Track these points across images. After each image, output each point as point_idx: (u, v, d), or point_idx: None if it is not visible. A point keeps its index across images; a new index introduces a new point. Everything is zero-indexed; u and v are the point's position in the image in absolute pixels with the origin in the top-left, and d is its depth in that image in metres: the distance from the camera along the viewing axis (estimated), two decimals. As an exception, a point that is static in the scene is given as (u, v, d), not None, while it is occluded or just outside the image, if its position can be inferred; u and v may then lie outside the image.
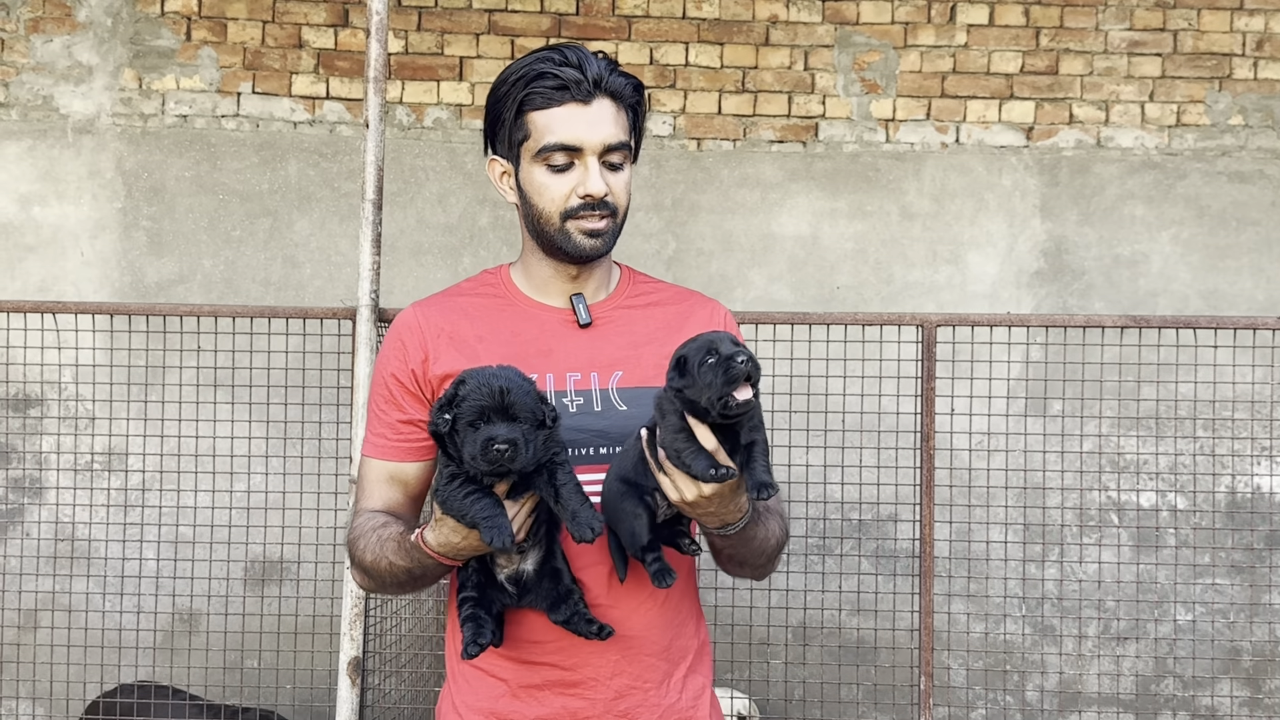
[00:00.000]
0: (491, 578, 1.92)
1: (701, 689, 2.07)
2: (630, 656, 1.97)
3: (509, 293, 2.08)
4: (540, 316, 2.05)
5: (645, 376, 2.01)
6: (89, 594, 4.75)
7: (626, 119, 2.02)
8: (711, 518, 1.85)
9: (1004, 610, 4.84)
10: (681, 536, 1.93)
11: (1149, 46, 5.22)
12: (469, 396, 1.78)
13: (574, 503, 1.80)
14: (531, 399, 1.80)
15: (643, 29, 5.20)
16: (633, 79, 2.04)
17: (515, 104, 2.00)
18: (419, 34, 5.18)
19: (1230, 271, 5.17)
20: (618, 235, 2.03)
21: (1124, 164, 5.20)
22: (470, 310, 2.06)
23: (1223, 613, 4.97)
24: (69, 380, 4.89)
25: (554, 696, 1.97)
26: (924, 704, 3.85)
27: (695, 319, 2.09)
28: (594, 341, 2.03)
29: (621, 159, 2.00)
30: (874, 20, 5.21)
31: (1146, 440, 4.98)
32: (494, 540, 1.76)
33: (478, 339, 2.01)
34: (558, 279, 2.05)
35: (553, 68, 1.97)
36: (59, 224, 5.10)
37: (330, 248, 5.14)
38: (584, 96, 1.96)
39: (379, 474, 2.04)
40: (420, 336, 2.03)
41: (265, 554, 4.90)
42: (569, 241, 1.98)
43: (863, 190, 5.18)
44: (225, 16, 5.14)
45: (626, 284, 2.13)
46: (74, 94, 5.13)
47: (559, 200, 1.97)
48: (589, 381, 2.00)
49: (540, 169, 1.98)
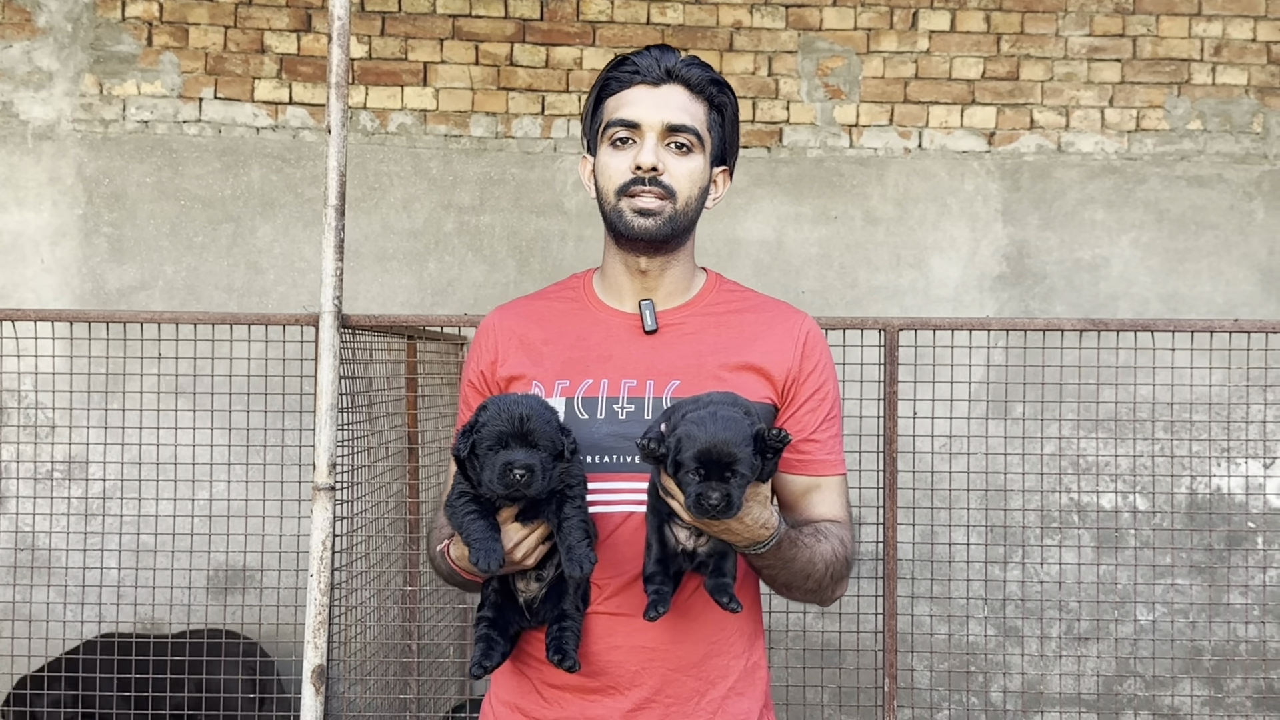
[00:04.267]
0: (512, 598, 1.96)
1: (745, 714, 1.99)
2: (651, 668, 1.94)
3: (585, 297, 2.09)
4: (609, 321, 2.05)
5: (703, 387, 1.94)
6: (49, 604, 4.71)
7: (703, 113, 2.01)
8: (732, 534, 1.80)
9: (967, 612, 4.87)
10: (723, 594, 1.85)
11: (1109, 52, 5.27)
12: (490, 422, 1.82)
13: (572, 537, 1.83)
14: (552, 428, 1.83)
15: (607, 34, 5.21)
16: (715, 75, 2.03)
17: (595, 94, 2.04)
18: (383, 39, 5.17)
19: (1189, 275, 5.23)
20: (679, 225, 1.99)
21: (1084, 169, 5.25)
22: (545, 314, 2.08)
23: (1184, 613, 5.02)
24: (29, 388, 4.85)
25: (574, 699, 1.96)
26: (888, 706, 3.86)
27: (774, 331, 2.04)
28: (656, 349, 2.01)
29: (689, 144, 1.98)
30: (837, 26, 5.24)
31: (1107, 442, 5.03)
32: (479, 562, 1.80)
33: (544, 342, 2.03)
34: (628, 277, 2.05)
35: (633, 57, 2.01)
36: (19, 230, 5.06)
37: (294, 254, 5.11)
38: (654, 80, 1.98)
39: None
40: (494, 339, 2.07)
41: (228, 562, 4.87)
42: (621, 220, 1.98)
43: (827, 195, 5.21)
44: (187, 22, 5.11)
45: (710, 291, 2.09)
46: (34, 100, 5.08)
47: (616, 175, 1.98)
48: (644, 389, 1.98)
49: (605, 147, 2.01)
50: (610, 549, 1.93)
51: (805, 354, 2.03)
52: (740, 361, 2.00)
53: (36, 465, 4.88)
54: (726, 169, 2.09)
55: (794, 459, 2.01)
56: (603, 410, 1.96)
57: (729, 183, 2.11)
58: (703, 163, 2.01)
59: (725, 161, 2.08)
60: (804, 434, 2.02)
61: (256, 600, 4.81)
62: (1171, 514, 4.95)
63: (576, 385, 1.99)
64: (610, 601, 1.94)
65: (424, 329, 4.28)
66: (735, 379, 1.98)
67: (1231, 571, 4.97)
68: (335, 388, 3.38)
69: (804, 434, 2.02)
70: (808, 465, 2.02)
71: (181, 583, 4.52)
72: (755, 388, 1.99)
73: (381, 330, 3.81)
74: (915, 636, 4.77)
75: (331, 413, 3.36)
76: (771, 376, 2.00)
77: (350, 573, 3.77)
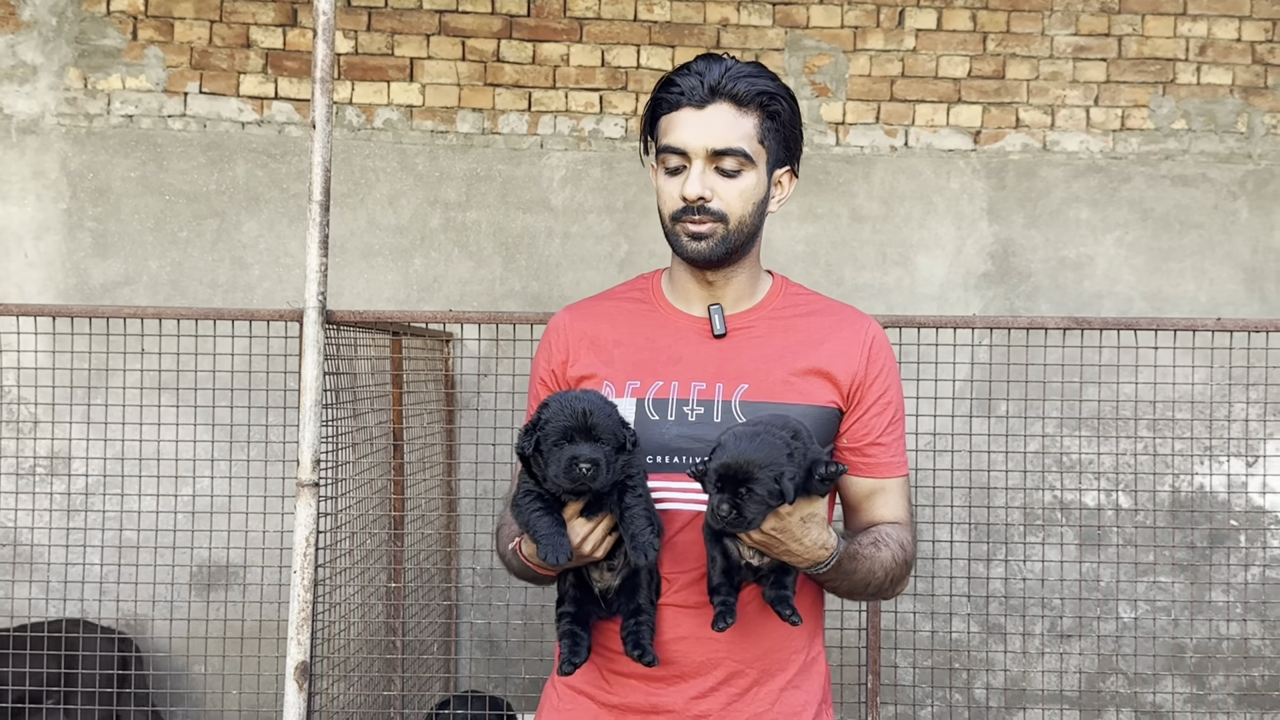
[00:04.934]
0: (589, 591, 1.99)
1: (803, 707, 2.04)
2: (717, 659, 1.99)
3: (654, 299, 2.13)
4: (678, 324, 2.08)
5: (772, 391, 2.00)
6: (31, 599, 4.69)
7: (754, 125, 2.00)
8: (792, 556, 1.85)
9: (951, 609, 4.88)
10: (784, 606, 1.91)
11: (1094, 51, 5.28)
12: (553, 419, 1.86)
13: (636, 525, 1.86)
14: (614, 421, 1.86)
15: (594, 31, 5.21)
16: (763, 85, 2.00)
17: (650, 112, 2.06)
18: (369, 34, 5.16)
19: (1173, 274, 5.25)
20: (733, 243, 2.01)
21: (1069, 167, 5.26)
22: (615, 315, 2.11)
23: (1166, 610, 5.04)
24: (11, 383, 4.83)
25: (638, 685, 2.01)
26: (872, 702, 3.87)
27: (840, 335, 2.08)
28: (725, 352, 2.04)
29: (737, 165, 1.98)
30: (824, 24, 5.24)
31: (1091, 440, 5.05)
32: (547, 557, 1.85)
33: (615, 344, 2.06)
34: (695, 285, 2.08)
35: (679, 75, 2.01)
36: (2, 225, 5.03)
37: (279, 249, 5.10)
38: (698, 102, 1.98)
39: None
40: (564, 338, 2.11)
41: (212, 558, 4.85)
42: (678, 243, 2.03)
43: (813, 193, 5.21)
44: (172, 16, 5.09)
45: (776, 294, 2.13)
46: (18, 94, 5.06)
47: (669, 202, 2.02)
48: (713, 392, 2.01)
49: (661, 172, 2.04)
50: (678, 545, 1.98)
51: (871, 358, 2.07)
52: (807, 366, 2.04)
53: (19, 460, 4.86)
54: (790, 169, 2.09)
55: (860, 462, 2.07)
56: (673, 412, 2.00)
57: (795, 181, 2.11)
58: (755, 178, 2.01)
59: (789, 163, 2.09)
60: (870, 438, 2.06)
61: (240, 596, 4.80)
62: (1154, 512, 4.97)
63: (647, 387, 2.02)
64: (679, 594, 1.98)
65: (409, 325, 4.27)
66: (802, 383, 2.02)
67: (1214, 569, 4.99)
68: (320, 384, 3.37)
69: (870, 438, 2.06)
70: (873, 469, 2.08)
71: (165, 579, 4.51)
72: (821, 392, 2.03)
73: (366, 326, 3.80)
74: (899, 633, 4.78)
75: (316, 409, 3.36)
76: (837, 381, 2.04)
77: (334, 569, 3.76)
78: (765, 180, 2.04)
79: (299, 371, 3.41)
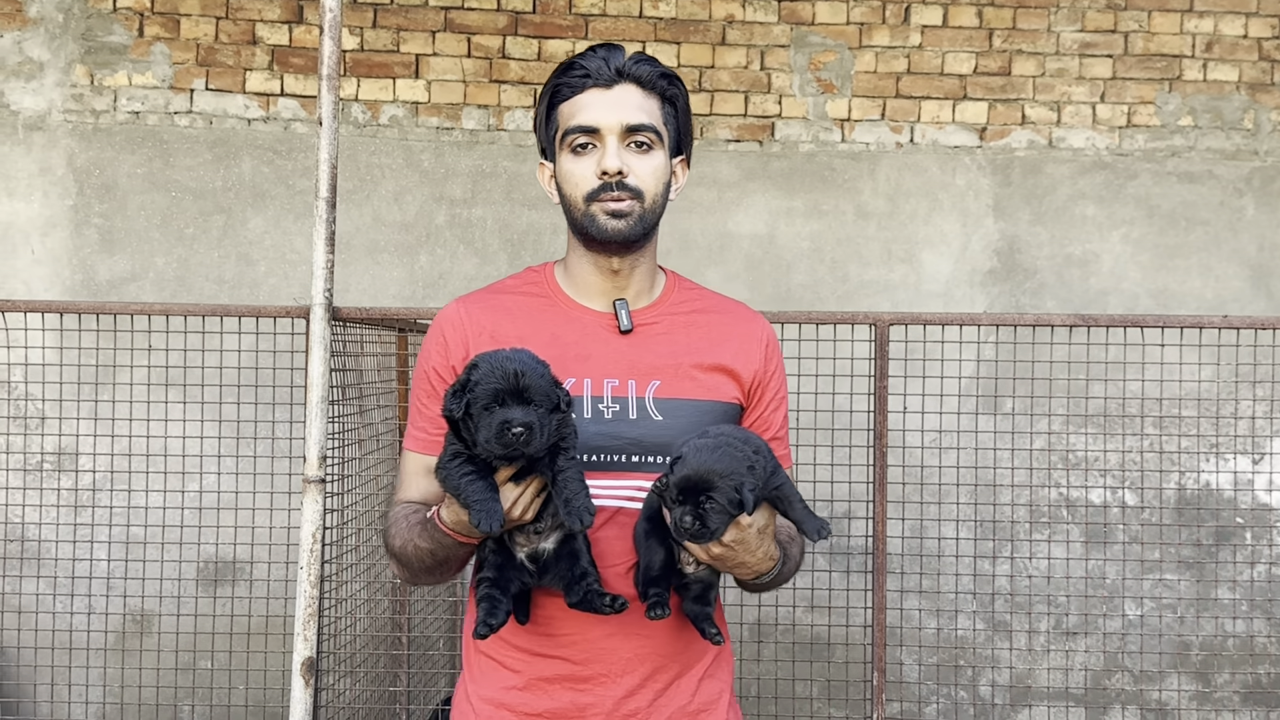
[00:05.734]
0: (510, 557, 1.91)
1: (718, 694, 2.07)
2: (644, 655, 1.98)
3: (552, 293, 2.09)
4: (582, 320, 2.05)
5: (682, 388, 2.01)
6: (39, 595, 4.70)
7: (658, 108, 2.02)
8: (743, 569, 1.88)
9: (957, 606, 4.88)
10: (707, 623, 1.96)
11: (1100, 48, 5.28)
12: (483, 380, 1.78)
13: (569, 490, 1.81)
14: (546, 382, 1.80)
15: (599, 27, 5.21)
16: (664, 69, 2.03)
17: (547, 101, 2.04)
18: (375, 31, 5.16)
19: (1180, 271, 5.24)
20: (649, 223, 2.02)
21: (1075, 164, 5.26)
22: (514, 309, 2.07)
23: (1172, 608, 5.04)
24: (19, 379, 4.84)
25: (564, 691, 1.97)
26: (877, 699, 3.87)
27: (739, 332, 2.10)
28: (634, 349, 2.03)
29: (649, 142, 1.99)
30: (829, 20, 5.24)
31: (1097, 438, 5.04)
32: (481, 524, 1.76)
33: (519, 339, 2.00)
34: (599, 276, 2.05)
35: (581, 60, 2.01)
36: (9, 221, 5.04)
37: (285, 245, 5.11)
38: (606, 82, 1.99)
39: (418, 467, 2.05)
40: (463, 333, 2.04)
41: (218, 554, 4.86)
42: (594, 224, 1.99)
43: (818, 190, 5.21)
44: (178, 12, 5.10)
45: (672, 290, 2.13)
46: (25, 90, 5.06)
47: (582, 183, 1.99)
48: (626, 389, 2.00)
49: (566, 155, 2.01)
50: (601, 541, 1.96)
51: (769, 356, 2.12)
52: (713, 363, 2.05)
53: (26, 456, 4.87)
54: (684, 159, 2.11)
55: None
56: (588, 410, 1.98)
57: (688, 171, 2.13)
58: (663, 158, 2.03)
59: (682, 151, 2.10)
60: (769, 433, 2.10)
61: (247, 592, 4.81)
62: (1160, 509, 4.97)
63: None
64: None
65: (415, 322, 4.27)
66: (709, 379, 2.04)
67: (1220, 567, 4.99)
68: (326, 380, 3.38)
69: (769, 433, 2.10)
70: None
71: (171, 574, 4.53)
72: (726, 389, 2.05)
73: (372, 323, 3.80)
74: (904, 630, 4.79)
75: (322, 405, 3.36)
76: (740, 378, 2.07)
77: (340, 565, 3.77)
78: (669, 164, 2.05)
79: (305, 368, 3.41)
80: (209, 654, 4.61)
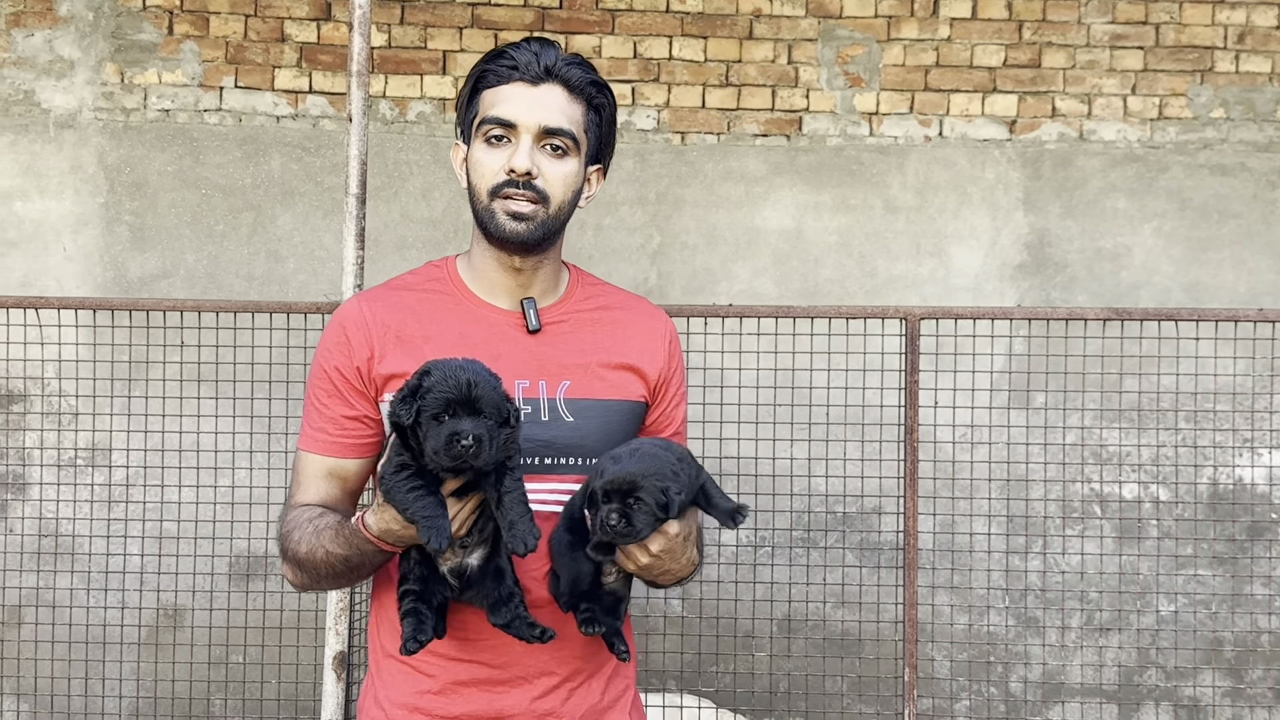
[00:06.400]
0: (434, 569, 1.88)
1: (623, 691, 2.09)
2: (561, 658, 1.98)
3: (457, 290, 2.04)
4: (489, 319, 2.01)
5: (592, 388, 1.99)
6: (73, 590, 4.74)
7: (581, 114, 1.98)
8: (666, 575, 1.89)
9: (987, 602, 4.86)
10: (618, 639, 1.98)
11: (1131, 40, 5.23)
12: (435, 388, 1.74)
13: (514, 513, 1.78)
14: (498, 394, 1.76)
15: (626, 23, 5.20)
16: (594, 76, 2.00)
17: (471, 84, 2.00)
18: (402, 28, 5.17)
19: (1212, 264, 5.20)
20: (550, 228, 1.97)
21: (1106, 157, 5.22)
22: (418, 307, 2.01)
23: (1205, 603, 5.00)
24: (52, 376, 4.87)
25: (480, 694, 1.95)
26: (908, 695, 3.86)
27: (642, 330, 2.09)
28: (542, 349, 2.00)
29: (565, 147, 1.95)
30: (857, 14, 5.22)
31: (1129, 432, 5.01)
32: (431, 541, 1.73)
33: (425, 339, 1.97)
34: (502, 274, 2.01)
35: (512, 49, 1.97)
36: (41, 219, 5.08)
37: (314, 242, 5.13)
38: (533, 78, 1.95)
39: (317, 469, 2.00)
40: (366, 333, 1.97)
41: (250, 549, 4.89)
42: (493, 221, 1.95)
43: (846, 184, 5.19)
44: (207, 10, 5.12)
45: (576, 286, 2.10)
46: (55, 88, 5.10)
47: (489, 175, 1.95)
48: (537, 390, 1.97)
49: (480, 144, 1.97)
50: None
51: (671, 353, 2.12)
52: (619, 361, 2.04)
53: (60, 452, 4.91)
54: (601, 168, 2.08)
55: None
56: None
57: (603, 181, 2.10)
58: (577, 165, 1.99)
59: (600, 161, 2.07)
60: (671, 428, 2.11)
61: (278, 587, 4.84)
62: (1194, 504, 4.93)
63: None
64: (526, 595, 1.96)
65: (444, 317, 4.28)
66: (616, 378, 2.03)
67: (1253, 562, 4.95)
68: (357, 376, 3.38)
69: (671, 428, 2.11)
70: None
71: (203, 569, 4.55)
72: (633, 387, 2.05)
73: (402, 318, 3.81)
74: (935, 626, 4.77)
75: (353, 401, 3.36)
76: (646, 376, 2.07)
77: (371, 560, 3.77)
78: (583, 172, 2.01)
79: (336, 364, 3.42)
80: (240, 648, 4.63)
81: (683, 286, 5.06)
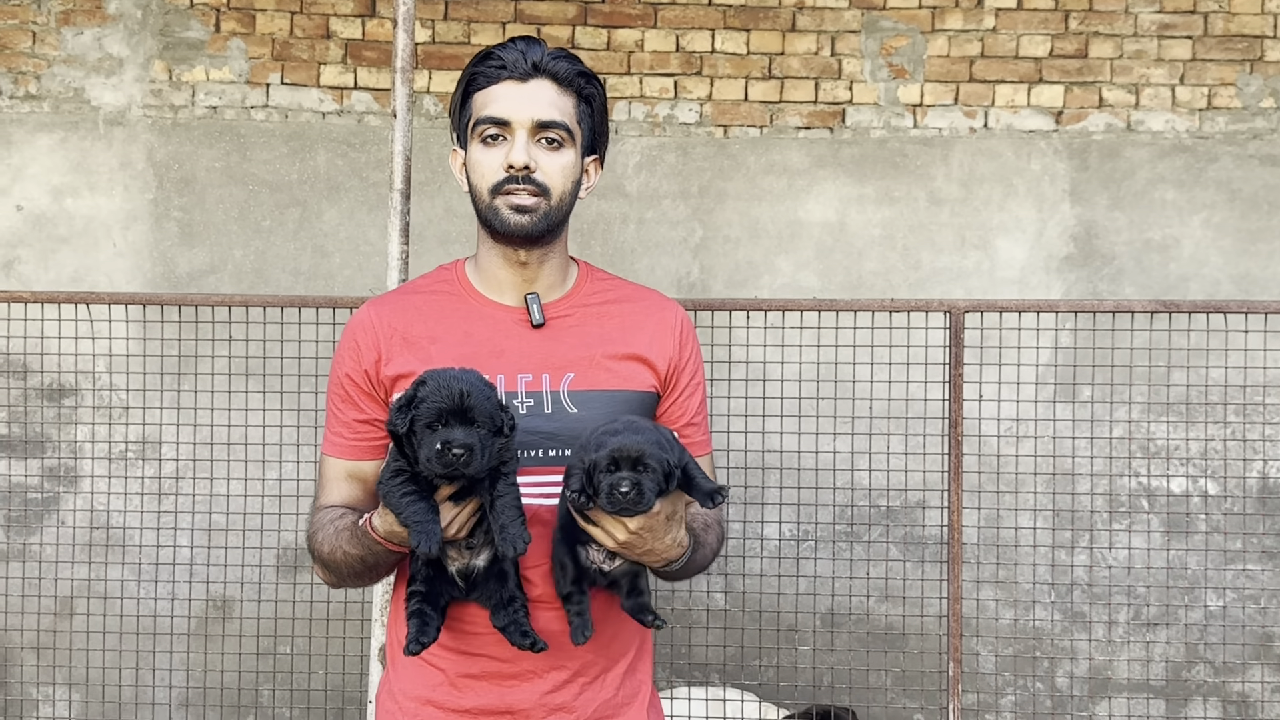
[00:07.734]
0: (442, 570, 1.93)
1: (639, 686, 2.09)
2: (570, 652, 1.98)
3: (463, 290, 2.07)
4: (494, 315, 2.04)
5: (597, 379, 2.01)
6: (124, 581, 4.81)
7: (572, 106, 2.02)
8: (651, 555, 1.87)
9: (1033, 597, 4.83)
10: (646, 613, 1.96)
11: (1179, 29, 5.17)
12: (429, 398, 1.79)
13: (505, 516, 1.82)
14: (491, 404, 1.80)
15: (669, 16, 5.20)
16: (582, 68, 2.04)
17: (463, 89, 2.03)
18: (445, 23, 5.20)
19: (1262, 255, 5.13)
20: (554, 219, 2.00)
21: (1154, 148, 5.16)
22: (424, 309, 2.05)
23: (1254, 598, 4.94)
24: (102, 370, 4.94)
25: (490, 687, 1.98)
26: (953, 690, 3.85)
27: (652, 320, 2.10)
28: (546, 342, 2.02)
29: (560, 139, 1.99)
30: (901, 5, 5.18)
31: (1177, 426, 4.96)
32: (420, 545, 1.78)
33: (430, 340, 2.01)
34: (508, 270, 2.04)
35: (499, 50, 2.00)
36: (91, 215, 5.15)
37: (359, 237, 5.17)
38: (521, 75, 1.98)
39: (338, 472, 2.06)
40: (373, 336, 2.03)
41: (297, 541, 4.94)
42: (497, 217, 1.98)
43: (890, 176, 5.17)
44: (254, 8, 5.17)
45: (584, 281, 2.12)
46: (105, 86, 5.17)
47: (489, 174, 1.98)
48: (540, 383, 1.99)
49: (476, 145, 2.00)
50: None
51: (683, 343, 2.12)
52: (627, 352, 2.05)
53: (110, 446, 4.98)
54: (597, 158, 2.10)
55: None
56: None
57: (600, 171, 2.12)
58: (574, 156, 2.02)
59: (595, 151, 2.10)
60: (685, 419, 2.11)
61: (324, 579, 4.88)
62: (1243, 498, 4.88)
63: None
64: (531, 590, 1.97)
65: (488, 312, 4.30)
66: (623, 369, 2.04)
67: (1304, 557, 4.89)
68: (403, 370, 3.41)
69: (685, 419, 2.11)
70: (690, 448, 2.07)
71: (252, 561, 4.60)
72: (641, 377, 2.05)
73: (447, 313, 3.83)
74: (980, 621, 4.75)
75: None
76: (655, 366, 2.07)
77: (417, 553, 3.80)
78: (580, 163, 2.04)
79: (383, 358, 3.45)
80: (289, 639, 4.68)
81: (725, 280, 5.06)
